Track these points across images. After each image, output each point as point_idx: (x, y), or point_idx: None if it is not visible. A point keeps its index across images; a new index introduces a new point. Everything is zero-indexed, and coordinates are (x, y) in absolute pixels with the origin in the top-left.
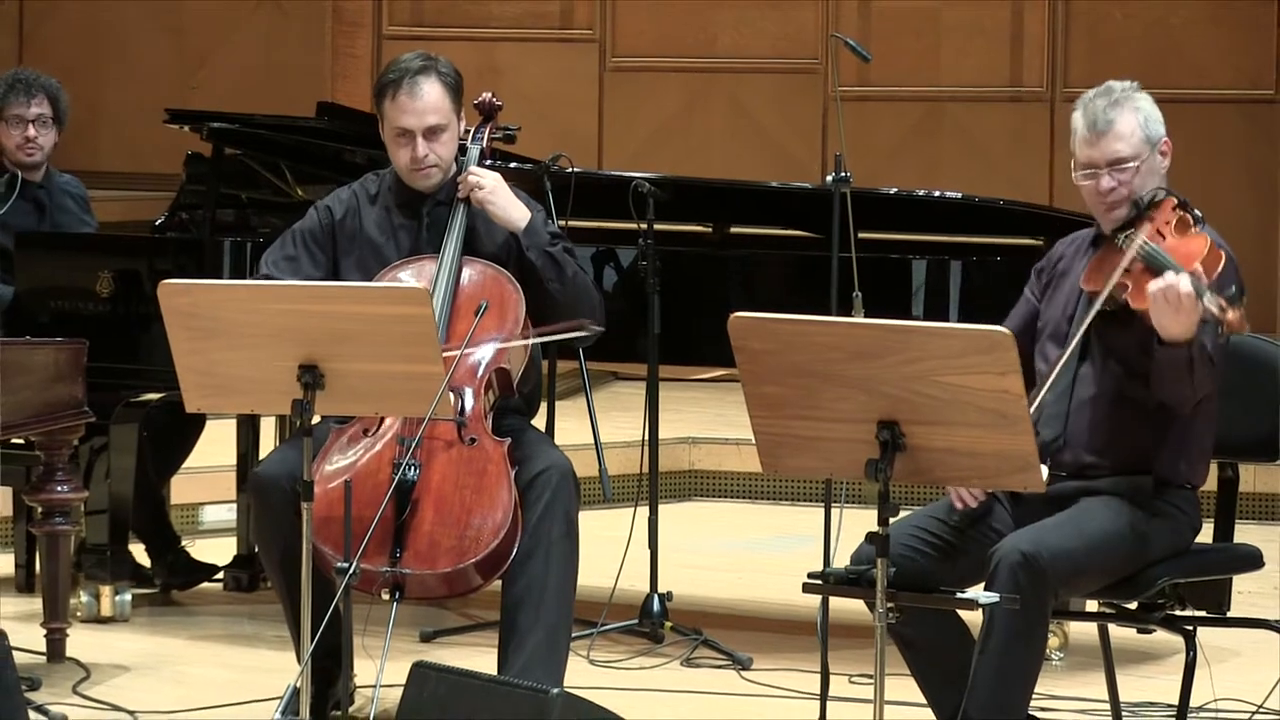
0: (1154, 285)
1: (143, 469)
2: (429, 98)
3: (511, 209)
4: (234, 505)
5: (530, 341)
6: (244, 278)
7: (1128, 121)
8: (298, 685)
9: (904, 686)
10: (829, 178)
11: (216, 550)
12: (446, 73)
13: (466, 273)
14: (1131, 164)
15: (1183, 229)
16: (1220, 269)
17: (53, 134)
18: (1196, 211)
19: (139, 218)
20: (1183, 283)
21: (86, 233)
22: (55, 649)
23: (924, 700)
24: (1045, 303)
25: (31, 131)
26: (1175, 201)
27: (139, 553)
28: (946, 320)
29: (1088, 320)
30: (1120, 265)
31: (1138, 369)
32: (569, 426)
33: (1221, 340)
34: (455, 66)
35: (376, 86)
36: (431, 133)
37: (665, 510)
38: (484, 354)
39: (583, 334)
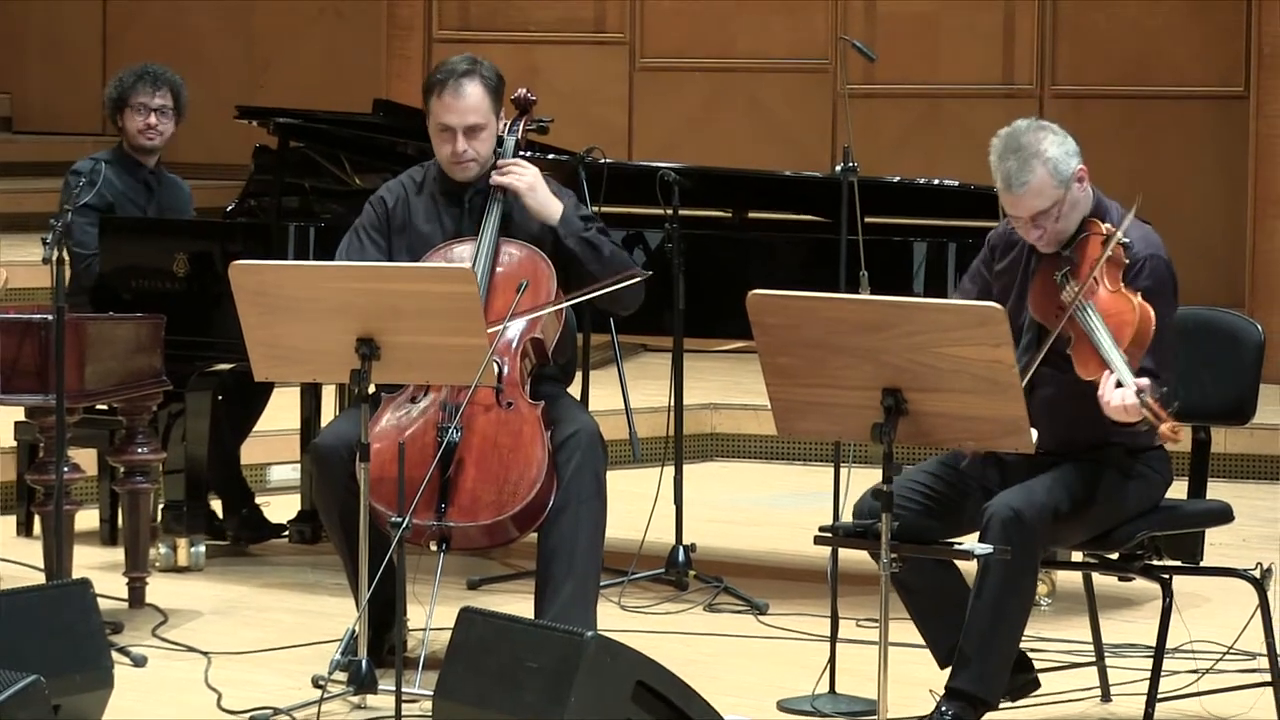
0: (1102, 398)
1: (218, 432)
2: (471, 99)
3: (549, 202)
4: (298, 465)
5: (581, 299)
6: (307, 259)
7: (1039, 177)
8: (356, 629)
9: (907, 630)
10: (838, 167)
11: (282, 506)
12: (489, 76)
13: (504, 253)
14: (1052, 212)
15: (1114, 273)
16: (1151, 335)
17: (172, 124)
18: (1124, 239)
19: (212, 205)
20: (1127, 396)
21: (165, 218)
22: (136, 596)
23: (924, 642)
24: (997, 285)
25: (153, 120)
26: (1102, 236)
27: (215, 507)
28: (945, 297)
29: (1042, 353)
30: (1061, 318)
31: None
32: (602, 393)
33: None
34: (498, 70)
35: (425, 84)
36: (471, 131)
37: (689, 470)
38: (520, 325)
39: (635, 280)
